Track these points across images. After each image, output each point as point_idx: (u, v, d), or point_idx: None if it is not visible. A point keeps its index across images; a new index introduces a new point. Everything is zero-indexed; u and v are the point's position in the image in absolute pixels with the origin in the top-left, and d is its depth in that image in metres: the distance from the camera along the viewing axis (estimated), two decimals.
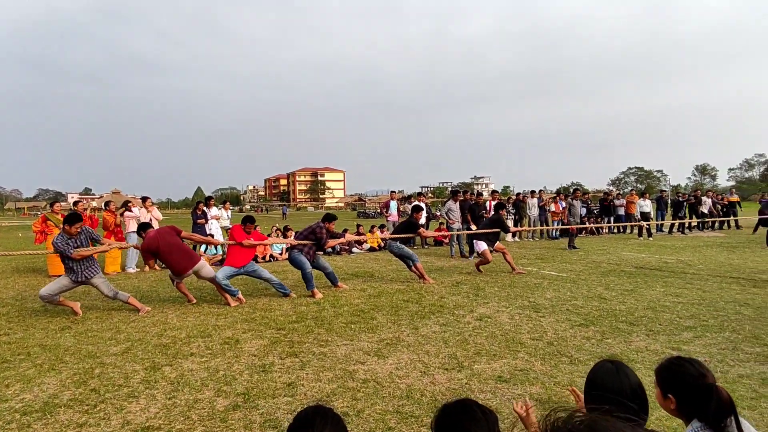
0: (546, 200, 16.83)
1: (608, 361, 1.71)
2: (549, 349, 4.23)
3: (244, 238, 6.84)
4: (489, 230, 8.97)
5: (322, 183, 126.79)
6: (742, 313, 5.38)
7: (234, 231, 7.02)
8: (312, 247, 7.23)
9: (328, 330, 5.00)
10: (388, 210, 13.88)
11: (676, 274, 8.23)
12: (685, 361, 1.64)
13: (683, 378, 1.59)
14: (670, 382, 1.62)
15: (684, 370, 1.60)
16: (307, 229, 7.44)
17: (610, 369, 1.65)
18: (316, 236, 7.22)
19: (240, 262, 6.79)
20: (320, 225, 7.33)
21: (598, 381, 1.65)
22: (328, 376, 3.65)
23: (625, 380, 1.60)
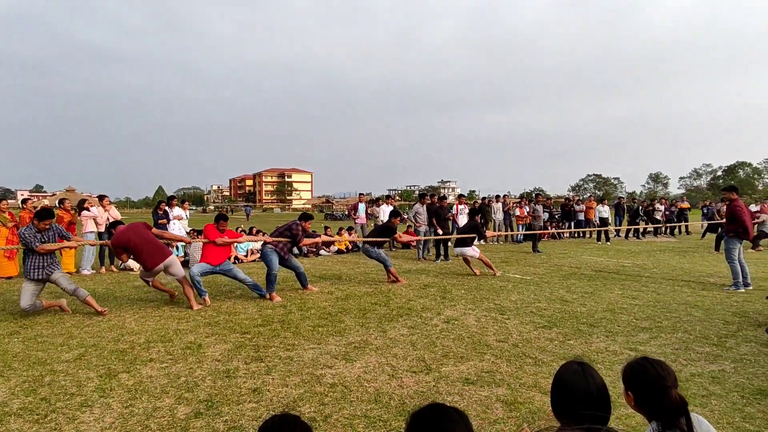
0: (510, 205, 17.22)
1: (575, 362, 1.75)
2: (514, 350, 4.31)
3: (218, 237, 6.72)
4: (467, 235, 9.07)
5: (289, 184, 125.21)
6: (692, 315, 5.66)
7: (207, 230, 6.87)
8: (287, 245, 7.20)
9: (295, 333, 4.92)
10: (356, 212, 13.84)
11: (632, 277, 8.58)
12: (648, 362, 1.73)
13: (642, 377, 1.71)
14: (631, 380, 1.75)
15: (644, 370, 1.71)
16: (284, 226, 7.41)
17: (577, 370, 1.69)
18: (292, 233, 7.19)
19: (216, 260, 6.69)
20: (297, 222, 7.33)
21: (565, 381, 1.69)
22: (295, 381, 3.59)
23: (590, 380, 1.65)
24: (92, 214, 9.82)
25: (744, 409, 3.06)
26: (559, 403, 1.68)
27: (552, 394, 1.72)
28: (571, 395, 1.64)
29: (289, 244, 7.23)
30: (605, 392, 1.65)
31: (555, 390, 1.70)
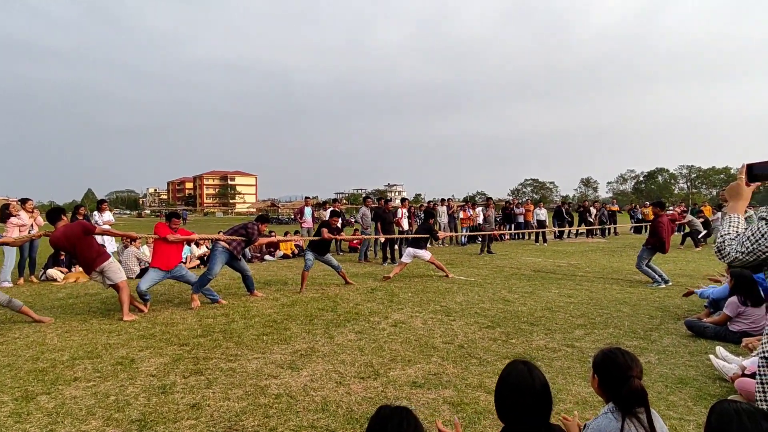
0: (455, 208, 17.66)
1: (519, 361, 1.83)
2: (460, 351, 4.39)
3: (169, 233, 6.42)
4: (420, 237, 9.15)
5: (233, 187, 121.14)
6: (621, 311, 6.05)
7: (158, 228, 6.49)
8: (240, 244, 6.98)
9: (238, 343, 4.72)
10: (303, 216, 13.61)
11: (567, 276, 9.06)
12: (620, 351, 1.86)
13: (610, 363, 1.84)
14: (600, 364, 1.87)
15: (614, 357, 1.83)
16: (239, 225, 7.24)
17: (522, 369, 1.77)
18: (248, 232, 7.02)
19: (169, 263, 6.40)
20: (253, 223, 7.20)
21: (510, 380, 1.76)
22: (238, 394, 3.43)
23: (536, 379, 1.73)
24: (21, 222, 8.90)
25: (668, 398, 3.30)
26: (504, 400, 1.74)
27: (497, 393, 1.77)
28: (516, 393, 1.71)
29: (243, 244, 7.03)
30: (547, 390, 1.72)
31: (501, 388, 1.76)
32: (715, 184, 79.54)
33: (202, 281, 6.58)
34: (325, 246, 8.03)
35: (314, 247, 8.01)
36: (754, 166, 1.66)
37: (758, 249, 1.50)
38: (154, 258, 6.50)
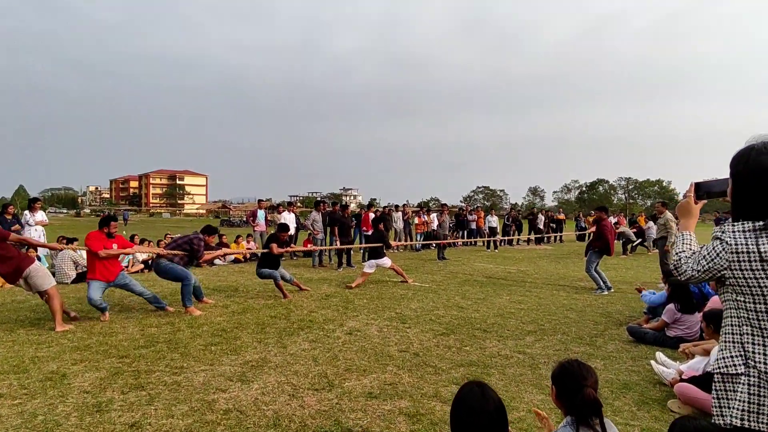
0: (410, 214, 17.81)
1: (474, 383, 1.85)
2: (415, 360, 4.38)
3: (103, 247, 5.79)
4: (375, 245, 9.02)
5: (181, 187, 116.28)
6: (568, 317, 6.28)
7: (91, 238, 5.81)
8: (183, 259, 6.50)
9: (184, 354, 4.47)
10: (255, 219, 13.23)
11: (517, 283, 9.33)
12: (576, 363, 1.90)
13: (565, 374, 1.88)
14: (557, 375, 1.91)
15: (569, 368, 1.88)
16: (183, 238, 6.70)
17: (476, 391, 1.78)
18: (193, 248, 6.52)
19: (109, 275, 5.87)
20: (199, 236, 6.68)
21: (465, 402, 1.76)
22: (182, 410, 3.23)
23: (489, 400, 1.74)
24: None
25: (613, 404, 3.43)
26: (459, 422, 1.73)
27: (452, 415, 1.78)
28: (471, 415, 1.71)
29: (186, 259, 6.55)
30: (502, 411, 1.73)
31: (455, 410, 1.76)
32: (649, 196, 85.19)
33: (186, 292, 6.20)
34: (276, 260, 7.63)
35: (264, 262, 7.58)
36: (701, 184, 1.74)
37: (714, 268, 1.56)
38: (91, 270, 5.84)
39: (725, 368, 1.54)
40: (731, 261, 1.51)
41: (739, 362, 1.51)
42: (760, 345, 1.48)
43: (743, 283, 1.50)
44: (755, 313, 1.49)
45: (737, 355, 1.52)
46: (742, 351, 1.51)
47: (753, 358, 1.49)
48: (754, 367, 1.48)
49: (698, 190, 1.75)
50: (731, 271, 1.52)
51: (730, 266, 1.52)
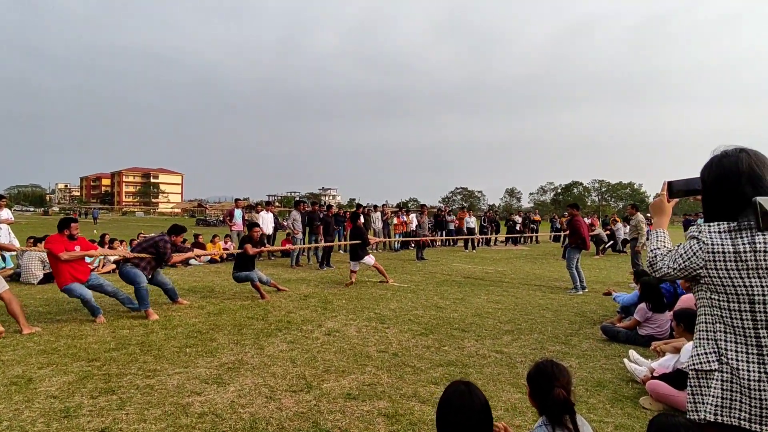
0: (389, 214, 17.84)
1: (461, 382, 1.84)
2: (394, 360, 4.38)
3: (65, 249, 5.55)
4: (354, 242, 9.07)
5: (156, 186, 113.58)
6: (545, 316, 6.38)
7: (51, 242, 5.56)
8: (151, 262, 6.27)
9: (157, 357, 4.36)
10: (233, 219, 13.02)
11: (495, 283, 9.44)
12: (550, 363, 1.94)
13: (538, 374, 1.92)
14: (531, 375, 1.95)
15: (543, 368, 1.92)
16: (148, 240, 6.48)
17: (463, 390, 1.78)
18: (159, 250, 6.27)
19: (81, 274, 5.68)
20: (164, 238, 6.41)
21: (451, 401, 1.76)
22: (155, 414, 3.14)
23: (475, 399, 1.74)
24: None
25: (588, 401, 3.50)
26: (445, 421, 1.72)
27: (438, 413, 1.76)
28: (457, 414, 1.71)
29: (154, 262, 6.33)
30: (488, 410, 1.73)
31: (442, 409, 1.75)
32: (621, 198, 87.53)
33: (141, 296, 5.96)
34: (251, 261, 7.48)
35: (240, 264, 7.42)
36: (673, 183, 1.78)
37: (689, 267, 1.61)
38: (61, 276, 5.57)
39: (699, 365, 1.58)
40: (707, 260, 1.55)
41: (713, 359, 1.55)
42: (732, 342, 1.52)
43: (718, 282, 1.54)
44: (728, 312, 1.53)
45: (711, 352, 1.56)
46: (715, 348, 1.56)
47: (726, 354, 1.53)
48: (727, 363, 1.52)
49: (671, 189, 1.79)
50: (707, 270, 1.56)
51: (706, 265, 1.55)
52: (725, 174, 1.59)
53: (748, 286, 1.48)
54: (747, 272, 1.48)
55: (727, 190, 1.58)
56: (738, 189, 1.55)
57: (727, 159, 1.61)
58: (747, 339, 1.49)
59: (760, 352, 1.47)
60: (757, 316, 1.47)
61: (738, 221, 1.52)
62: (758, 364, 1.46)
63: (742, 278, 1.49)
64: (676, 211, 14.36)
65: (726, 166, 1.60)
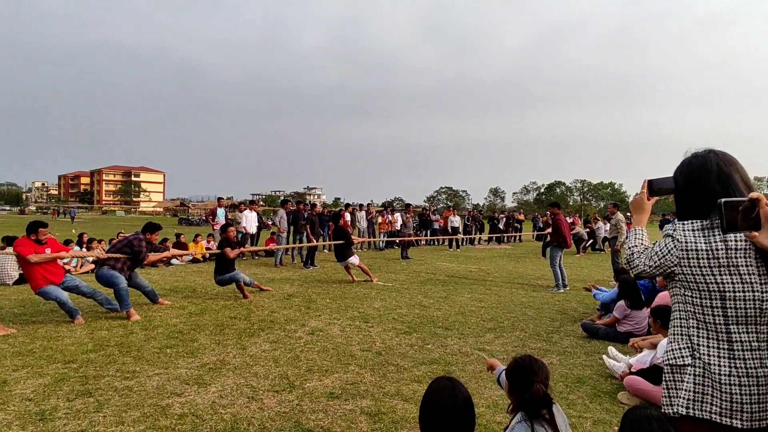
0: (373, 213, 17.83)
1: (445, 378, 1.87)
2: (377, 359, 4.38)
3: (34, 251, 5.39)
4: (337, 242, 9.14)
5: (137, 184, 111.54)
6: (526, 314, 6.46)
7: (20, 245, 5.41)
8: (126, 263, 6.14)
9: (137, 358, 4.28)
10: (215, 218, 12.87)
11: (478, 281, 9.52)
12: (528, 358, 1.97)
13: (518, 369, 1.94)
14: (511, 371, 1.98)
15: (522, 364, 1.94)
16: (122, 240, 6.35)
17: (447, 385, 1.81)
18: (134, 250, 6.14)
19: (54, 277, 5.55)
20: (138, 236, 6.26)
21: (435, 396, 1.79)
22: (134, 416, 3.09)
23: (459, 395, 1.77)
24: None
25: (568, 397, 3.55)
26: (428, 416, 1.75)
27: (422, 408, 1.78)
28: (440, 409, 1.73)
29: (130, 263, 6.19)
30: (471, 406, 1.75)
31: (425, 404, 1.78)
32: (602, 197, 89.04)
33: (121, 297, 5.83)
34: (232, 262, 7.37)
35: (220, 267, 7.31)
36: (654, 181, 1.82)
37: (664, 264, 1.65)
38: (34, 280, 5.43)
39: (674, 360, 1.62)
40: (681, 257, 1.59)
41: (687, 354, 1.59)
42: (705, 338, 1.56)
43: (691, 279, 1.58)
44: (701, 308, 1.57)
45: (685, 347, 1.60)
46: (689, 343, 1.60)
47: (698, 350, 1.57)
48: (699, 358, 1.56)
49: (651, 188, 1.82)
50: (681, 267, 1.60)
51: (680, 263, 1.59)
52: (695, 174, 1.65)
53: (719, 282, 1.52)
54: (719, 269, 1.52)
55: (697, 189, 1.63)
56: (708, 188, 1.60)
57: (697, 159, 1.66)
58: (719, 335, 1.53)
59: (731, 347, 1.51)
60: (728, 312, 1.51)
61: (710, 219, 1.56)
62: (729, 359, 1.50)
63: (714, 275, 1.53)
64: (655, 209, 14.60)
65: (696, 166, 1.65)
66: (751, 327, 1.50)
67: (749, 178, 1.64)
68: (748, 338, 1.50)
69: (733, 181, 1.58)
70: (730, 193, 1.54)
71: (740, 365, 1.49)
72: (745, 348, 1.50)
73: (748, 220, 1.16)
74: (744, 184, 1.59)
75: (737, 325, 1.51)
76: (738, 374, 1.49)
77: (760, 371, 1.48)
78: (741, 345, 1.50)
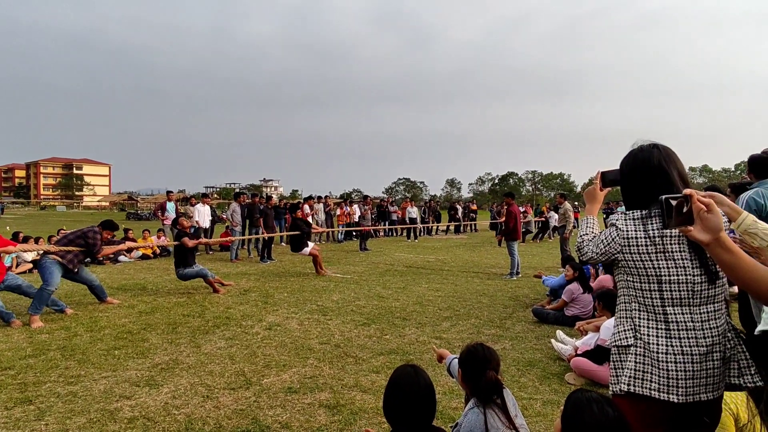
0: (331, 205, 17.72)
1: (408, 365, 1.95)
2: (336, 351, 4.39)
3: None
4: (293, 233, 9.14)
5: (79, 177, 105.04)
6: (481, 302, 6.66)
7: None
8: (78, 256, 5.88)
9: (82, 361, 4.08)
10: (165, 212, 12.37)
11: (435, 271, 9.70)
12: (480, 346, 2.05)
13: (471, 357, 2.02)
14: (464, 359, 2.05)
15: (474, 352, 2.02)
16: (76, 232, 6.06)
17: (410, 372, 1.87)
18: (88, 242, 5.89)
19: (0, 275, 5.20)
20: (94, 229, 6.04)
21: (398, 382, 1.84)
22: (79, 423, 2.95)
23: (421, 381, 1.83)
24: None
25: (519, 380, 3.71)
26: (391, 401, 1.81)
27: (386, 394, 1.85)
28: (402, 394, 1.79)
29: (81, 255, 5.94)
30: (432, 392, 1.83)
31: (389, 390, 1.84)
32: (552, 187, 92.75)
33: (41, 298, 5.44)
34: (191, 254, 7.23)
35: (181, 260, 7.16)
36: (606, 173, 1.93)
37: (609, 251, 1.77)
38: None
39: (619, 341, 1.74)
40: (623, 245, 1.70)
41: (630, 335, 1.71)
42: (645, 319, 1.68)
43: (632, 265, 1.69)
44: (641, 291, 1.69)
45: (629, 329, 1.72)
46: (632, 325, 1.71)
47: (639, 330, 1.69)
48: (641, 338, 1.68)
49: (604, 179, 1.93)
50: (623, 255, 1.71)
51: (623, 250, 1.71)
52: (638, 167, 1.75)
53: (657, 267, 1.64)
54: (656, 255, 1.64)
55: (640, 181, 1.74)
56: (649, 181, 1.71)
57: (642, 153, 1.76)
58: (657, 315, 1.65)
59: (668, 327, 1.63)
60: (664, 295, 1.63)
61: (650, 209, 1.68)
62: (666, 338, 1.62)
63: (651, 261, 1.64)
64: (607, 199, 15.20)
65: (640, 159, 1.76)
66: (686, 308, 1.63)
67: (686, 173, 1.75)
68: (683, 318, 1.62)
69: (672, 177, 1.69)
70: (667, 187, 1.65)
71: (676, 344, 1.61)
72: (680, 328, 1.61)
73: (681, 215, 1.26)
74: (680, 179, 1.70)
75: (673, 306, 1.63)
76: (674, 352, 1.60)
77: (695, 349, 1.60)
78: (677, 325, 1.62)
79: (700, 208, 1.23)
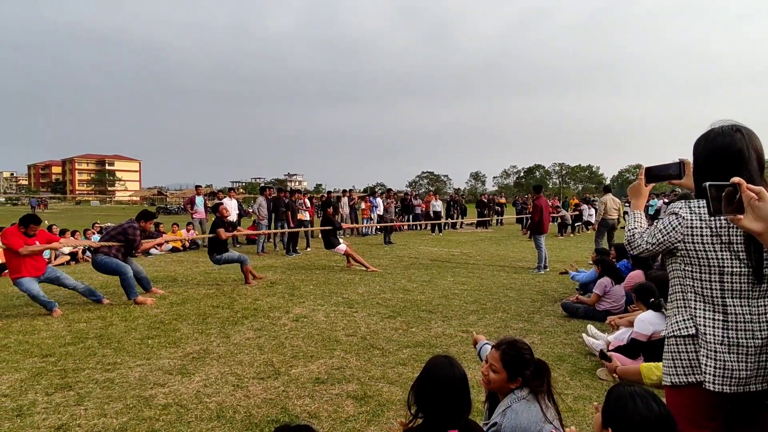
0: (356, 199, 17.78)
1: (441, 355, 1.93)
2: (363, 343, 4.40)
3: (25, 244, 5.31)
4: (325, 228, 9.18)
5: (112, 173, 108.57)
6: (508, 295, 6.57)
7: (8, 236, 5.31)
8: (120, 250, 6.09)
9: (117, 350, 4.21)
10: (194, 206, 12.63)
11: (461, 264, 9.61)
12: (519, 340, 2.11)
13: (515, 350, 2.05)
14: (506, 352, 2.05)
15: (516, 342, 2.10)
16: (116, 228, 6.27)
17: (444, 362, 1.85)
18: (128, 237, 6.09)
19: (36, 270, 5.47)
20: (133, 224, 6.22)
21: (432, 373, 1.82)
22: (117, 408, 3.05)
23: (456, 371, 1.81)
24: None
25: None
26: (424, 391, 1.79)
27: (418, 384, 1.82)
28: (436, 384, 1.77)
29: (124, 249, 6.14)
30: (466, 382, 1.82)
31: (421, 379, 1.82)
32: (580, 180, 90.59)
33: (127, 285, 5.92)
34: (224, 244, 7.42)
35: (214, 249, 7.35)
36: (651, 168, 1.88)
37: (667, 240, 1.71)
38: (15, 270, 5.36)
39: (678, 331, 1.69)
40: (685, 234, 1.64)
41: (690, 324, 1.67)
42: (701, 309, 1.64)
43: (693, 255, 1.64)
44: (700, 282, 1.64)
45: (687, 318, 1.67)
46: (691, 315, 1.67)
47: (696, 320, 1.65)
48: (697, 329, 1.64)
49: (648, 174, 1.87)
50: (684, 244, 1.65)
51: (684, 239, 1.65)
52: (715, 151, 1.62)
53: (719, 258, 1.59)
54: (720, 245, 1.58)
55: (716, 167, 1.60)
56: (725, 167, 1.56)
57: (722, 138, 1.61)
58: (715, 306, 1.61)
59: (726, 318, 1.59)
60: (725, 286, 1.59)
61: None
62: (723, 329, 1.59)
63: (715, 251, 1.59)
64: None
65: (719, 145, 1.61)
66: (744, 300, 1.58)
67: (765, 160, 1.62)
68: (742, 311, 1.58)
69: (752, 165, 1.56)
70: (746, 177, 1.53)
71: (732, 335, 1.58)
72: (738, 320, 1.58)
73: (731, 204, 1.20)
74: (759, 166, 1.58)
75: (732, 298, 1.59)
76: (729, 343, 1.58)
77: (751, 341, 1.57)
78: (735, 317, 1.58)
79: (751, 196, 1.17)
